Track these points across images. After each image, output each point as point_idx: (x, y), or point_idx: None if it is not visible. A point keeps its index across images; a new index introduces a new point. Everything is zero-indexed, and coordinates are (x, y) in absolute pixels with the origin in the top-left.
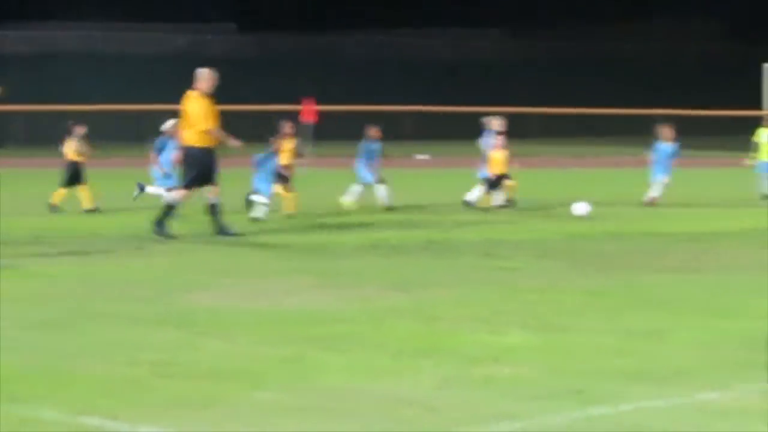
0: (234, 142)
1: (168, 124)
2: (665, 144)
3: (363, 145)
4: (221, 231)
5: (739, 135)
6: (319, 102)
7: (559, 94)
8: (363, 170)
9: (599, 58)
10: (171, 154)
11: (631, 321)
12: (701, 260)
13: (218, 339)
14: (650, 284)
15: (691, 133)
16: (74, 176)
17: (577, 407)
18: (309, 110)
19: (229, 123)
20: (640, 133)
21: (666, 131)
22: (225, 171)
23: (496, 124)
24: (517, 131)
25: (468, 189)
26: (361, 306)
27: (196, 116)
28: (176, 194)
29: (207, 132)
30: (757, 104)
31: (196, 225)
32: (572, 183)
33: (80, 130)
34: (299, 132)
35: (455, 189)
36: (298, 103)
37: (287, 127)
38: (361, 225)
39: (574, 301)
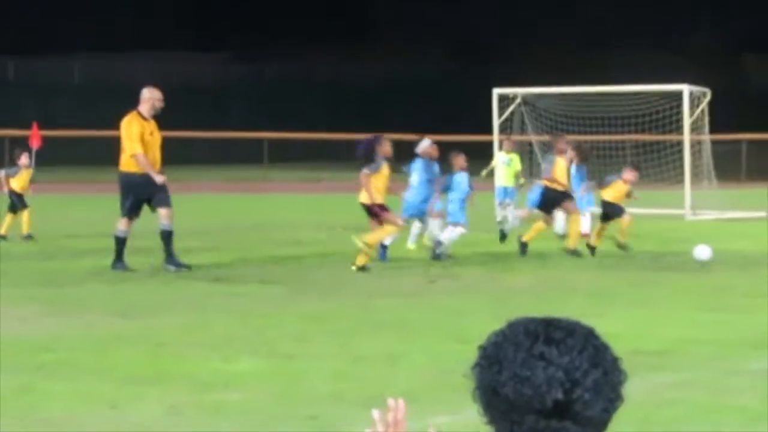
0: (158, 178)
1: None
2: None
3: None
4: (170, 261)
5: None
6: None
7: (287, 119)
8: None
9: (324, 81)
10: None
11: (362, 345)
12: (435, 283)
13: None
14: (382, 308)
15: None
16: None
17: None
18: (35, 135)
19: None
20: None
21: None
22: None
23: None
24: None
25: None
26: (86, 333)
27: (124, 140)
28: (120, 225)
29: (132, 157)
30: (488, 130)
31: None
32: (308, 208)
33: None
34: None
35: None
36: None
37: (23, 157)
38: (92, 251)
39: (304, 326)
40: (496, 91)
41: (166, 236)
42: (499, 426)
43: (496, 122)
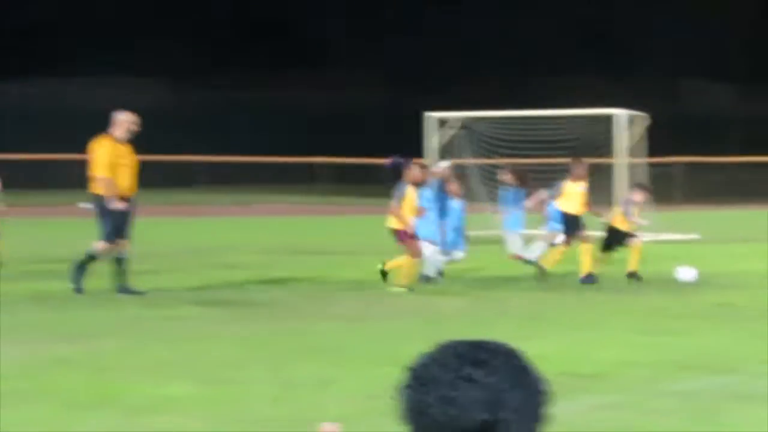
0: (115, 204)
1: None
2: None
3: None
4: (122, 288)
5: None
6: None
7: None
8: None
9: (260, 105)
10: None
11: (296, 370)
12: (369, 308)
13: None
14: (316, 332)
15: (356, 182)
16: None
17: None
18: None
19: None
20: (304, 181)
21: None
22: None
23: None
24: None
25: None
26: (27, 359)
27: (93, 162)
28: (98, 247)
29: (98, 180)
30: (418, 153)
31: None
32: (238, 230)
33: None
34: None
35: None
36: None
37: None
38: (25, 274)
39: (238, 351)
40: (431, 116)
41: (120, 262)
42: None
43: (429, 146)
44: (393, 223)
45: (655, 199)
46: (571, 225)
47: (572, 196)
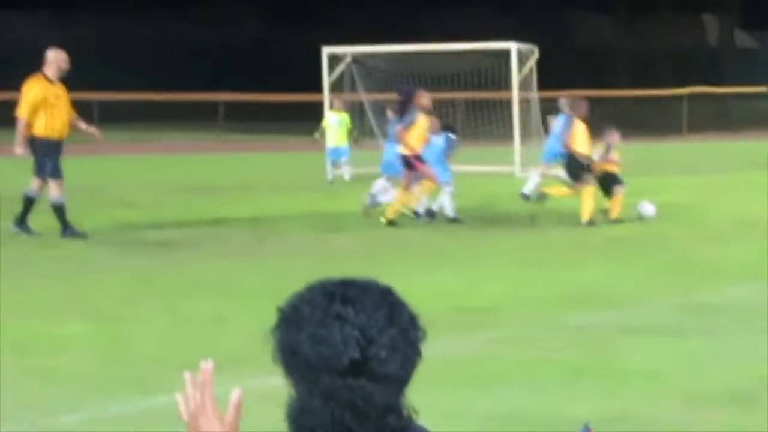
0: (17, 149)
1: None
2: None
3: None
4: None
5: (301, 120)
6: None
7: (116, 79)
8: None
9: (155, 41)
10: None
11: (189, 307)
12: (264, 244)
13: None
14: (209, 269)
15: (251, 119)
16: None
17: (140, 397)
18: None
19: None
20: (202, 118)
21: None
22: None
23: None
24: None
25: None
26: None
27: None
28: (33, 185)
29: (18, 119)
30: (318, 89)
31: None
32: (134, 169)
33: None
34: None
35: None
36: None
37: None
38: None
39: (131, 288)
40: (326, 50)
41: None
42: (298, 387)
43: (326, 82)
44: (402, 149)
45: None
46: (584, 167)
47: (581, 135)
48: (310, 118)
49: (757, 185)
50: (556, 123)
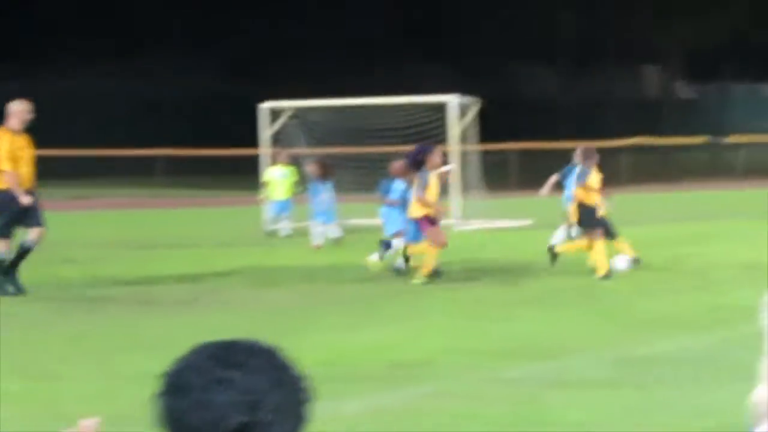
0: (24, 199)
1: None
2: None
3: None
4: (8, 280)
5: (240, 174)
6: None
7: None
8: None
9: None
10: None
11: (121, 364)
12: (199, 300)
13: None
14: (145, 326)
15: (192, 173)
16: None
17: None
18: None
19: None
20: (145, 173)
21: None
22: None
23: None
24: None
25: None
26: None
27: None
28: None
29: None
30: (253, 143)
31: None
32: (73, 225)
33: None
34: None
35: None
36: None
37: None
38: None
39: (64, 346)
40: (265, 105)
41: (24, 251)
42: None
43: (265, 136)
44: (415, 211)
45: (489, 186)
46: (596, 218)
47: (594, 186)
48: (248, 172)
49: (695, 236)
50: (572, 173)
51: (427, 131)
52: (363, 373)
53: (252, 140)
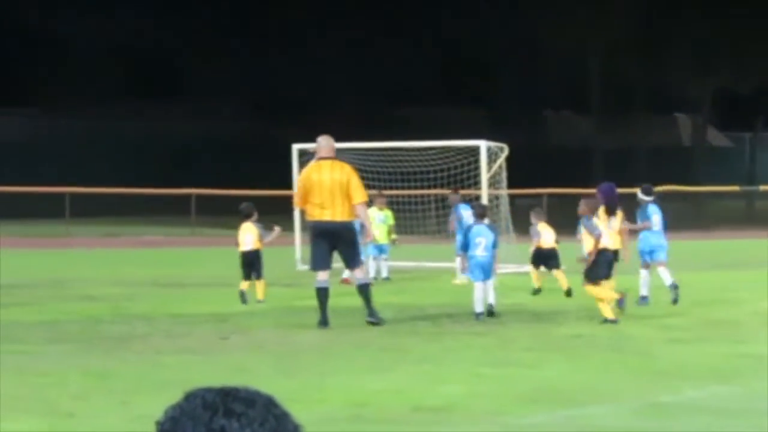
0: None
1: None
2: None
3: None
4: None
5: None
6: None
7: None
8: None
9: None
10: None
11: (144, 404)
12: (225, 340)
13: None
14: (169, 365)
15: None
16: None
17: None
18: None
19: None
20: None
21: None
22: None
23: None
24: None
25: None
26: None
27: None
28: None
29: None
30: (288, 184)
31: None
32: (103, 262)
33: None
34: None
35: None
36: None
37: None
38: None
39: (87, 384)
40: (296, 146)
41: None
42: None
43: (295, 177)
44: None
45: (520, 231)
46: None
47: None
48: (281, 211)
49: (726, 284)
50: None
51: (459, 174)
52: (387, 416)
53: (285, 180)
